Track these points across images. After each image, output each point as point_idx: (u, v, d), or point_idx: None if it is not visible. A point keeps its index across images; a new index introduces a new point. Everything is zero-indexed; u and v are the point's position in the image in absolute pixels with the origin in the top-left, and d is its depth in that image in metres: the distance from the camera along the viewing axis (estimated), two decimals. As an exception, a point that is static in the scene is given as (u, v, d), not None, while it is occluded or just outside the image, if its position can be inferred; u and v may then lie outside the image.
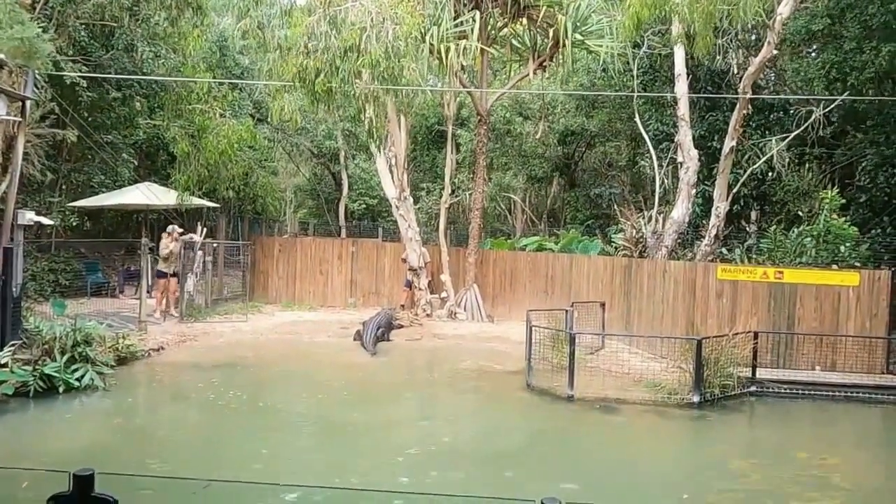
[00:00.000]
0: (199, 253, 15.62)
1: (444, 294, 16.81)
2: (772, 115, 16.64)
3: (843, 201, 13.43)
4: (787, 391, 10.44)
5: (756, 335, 10.76)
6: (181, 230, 15.30)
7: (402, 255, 17.07)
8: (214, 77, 16.03)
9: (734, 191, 14.95)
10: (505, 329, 15.05)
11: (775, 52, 13.58)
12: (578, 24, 15.48)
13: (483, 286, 16.97)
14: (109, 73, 14.14)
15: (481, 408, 9.96)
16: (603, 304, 13.68)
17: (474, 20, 15.08)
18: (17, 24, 10.26)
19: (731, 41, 15.79)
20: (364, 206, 27.26)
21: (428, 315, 16.26)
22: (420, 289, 16.57)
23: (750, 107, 14.43)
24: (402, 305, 16.75)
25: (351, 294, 18.43)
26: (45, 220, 14.06)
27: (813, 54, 16.76)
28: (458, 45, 14.76)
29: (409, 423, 9.26)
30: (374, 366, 12.10)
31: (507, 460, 7.60)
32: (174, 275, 14.65)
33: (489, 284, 17.35)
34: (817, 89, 15.26)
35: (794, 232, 13.42)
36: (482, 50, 15.75)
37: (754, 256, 13.97)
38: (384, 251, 18.59)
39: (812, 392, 10.40)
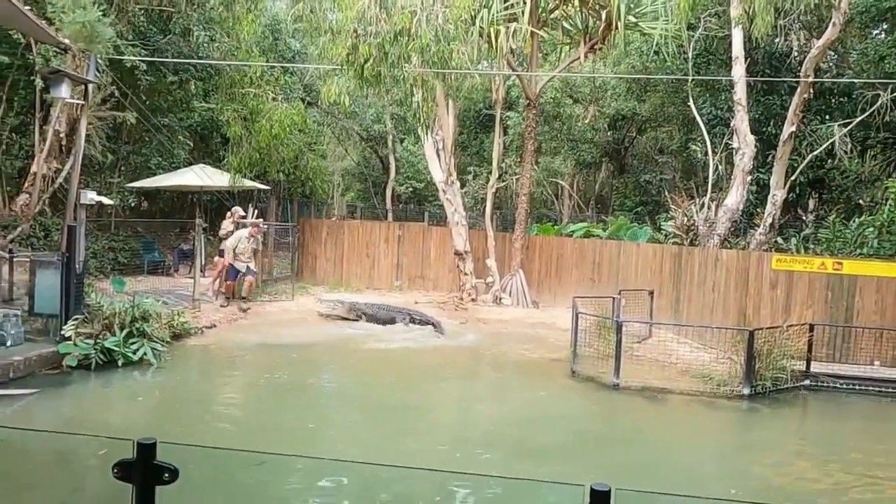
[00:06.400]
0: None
1: (489, 279, 16.80)
2: (833, 100, 15.98)
3: (911, 190, 12.84)
4: (844, 386, 10.11)
5: (812, 327, 10.42)
6: (243, 213, 15.64)
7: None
8: (267, 61, 16.27)
9: (791, 178, 14.46)
10: (550, 315, 14.97)
11: (840, 32, 13.02)
12: (632, 5, 15.11)
13: (529, 272, 16.89)
14: (167, 57, 14.50)
15: (525, 393, 9.95)
16: (651, 293, 13.45)
17: (525, 2, 14.86)
18: (80, 9, 10.61)
19: (793, 22, 15.19)
20: (411, 189, 27.39)
21: (473, 300, 16.28)
22: (466, 273, 16.59)
23: (811, 90, 13.88)
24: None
25: (397, 277, 18.59)
26: (106, 200, 14.57)
27: (882, 35, 15.99)
28: (507, 27, 14.60)
29: (453, 407, 9.34)
30: (419, 348, 12.21)
31: (552, 446, 7.60)
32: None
33: (535, 270, 17.25)
34: (887, 69, 14.53)
35: (854, 221, 12.92)
36: (532, 33, 15.53)
37: (811, 246, 13.52)
38: (430, 235, 18.66)
39: (870, 388, 10.04)
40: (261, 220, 15.59)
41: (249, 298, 14.15)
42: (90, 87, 10.81)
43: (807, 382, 10.11)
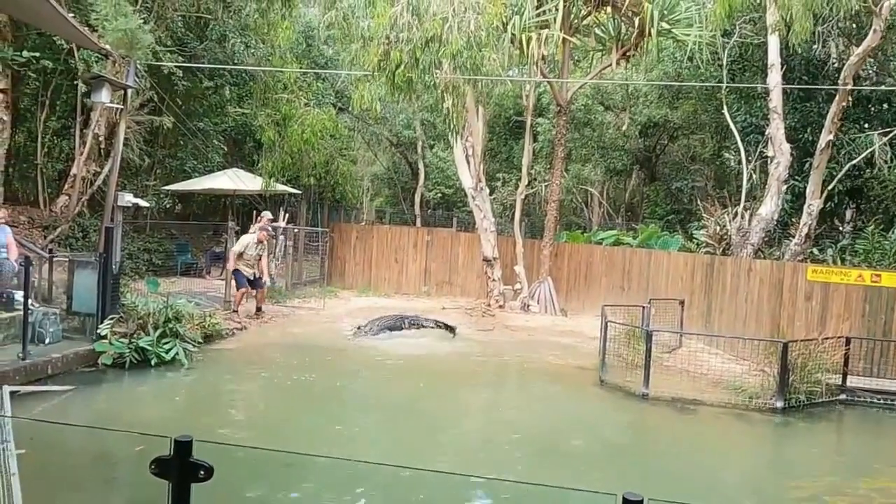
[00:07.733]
0: (281, 238, 16.15)
1: (517, 286, 16.75)
2: (872, 108, 15.63)
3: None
4: (881, 401, 9.84)
5: (848, 341, 10.17)
6: (271, 217, 15.80)
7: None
8: (301, 67, 16.50)
9: (828, 188, 14.16)
10: (578, 323, 14.87)
11: (881, 39, 12.74)
12: (666, 12, 14.97)
13: (557, 279, 16.80)
14: (203, 63, 14.79)
15: (553, 402, 9.88)
16: (682, 302, 13.28)
17: (557, 9, 14.84)
18: (121, 17, 10.90)
19: (832, 28, 14.91)
20: (440, 195, 27.43)
21: (500, 306, 16.24)
22: (494, 279, 16.57)
23: (849, 98, 13.59)
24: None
25: (425, 282, 18.65)
26: (142, 203, 14.87)
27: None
28: (539, 34, 14.58)
29: (480, 414, 9.32)
30: (447, 354, 12.22)
31: (582, 455, 7.53)
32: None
33: (563, 278, 17.16)
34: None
35: (893, 233, 12.61)
36: (564, 39, 15.49)
37: (848, 258, 13.22)
38: (458, 241, 18.69)
39: (909, 404, 9.77)
40: (274, 222, 15.54)
41: (262, 308, 13.67)
42: (129, 92, 11.08)
43: (842, 397, 9.87)
